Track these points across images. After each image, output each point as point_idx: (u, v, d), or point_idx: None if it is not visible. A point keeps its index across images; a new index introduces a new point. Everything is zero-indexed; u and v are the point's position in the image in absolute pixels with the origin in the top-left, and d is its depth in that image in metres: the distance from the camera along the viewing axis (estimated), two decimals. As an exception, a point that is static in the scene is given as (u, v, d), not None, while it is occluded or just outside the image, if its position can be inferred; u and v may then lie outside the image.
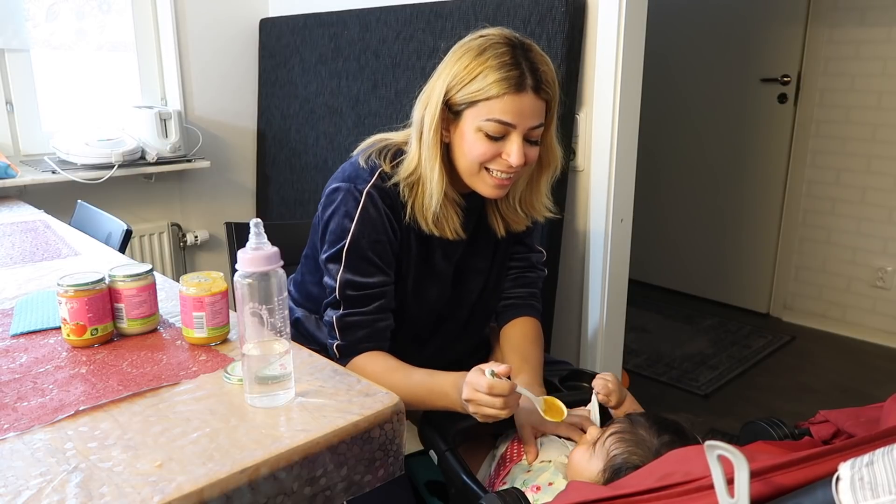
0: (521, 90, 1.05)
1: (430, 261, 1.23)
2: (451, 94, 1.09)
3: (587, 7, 1.74)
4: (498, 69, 1.05)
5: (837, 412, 0.81)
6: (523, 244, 1.36)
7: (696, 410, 2.40)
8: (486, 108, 1.06)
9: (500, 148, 1.08)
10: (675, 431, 0.91)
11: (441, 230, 1.16)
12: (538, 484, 1.00)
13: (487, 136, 1.08)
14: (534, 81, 1.06)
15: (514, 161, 1.07)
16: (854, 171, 2.94)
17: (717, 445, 0.54)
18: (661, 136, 3.46)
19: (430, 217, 1.15)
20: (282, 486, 0.72)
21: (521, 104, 1.06)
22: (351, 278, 1.14)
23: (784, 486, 0.56)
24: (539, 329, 1.33)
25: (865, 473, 0.46)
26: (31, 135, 2.35)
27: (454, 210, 1.16)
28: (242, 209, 2.84)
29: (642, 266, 3.33)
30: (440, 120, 1.10)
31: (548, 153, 1.18)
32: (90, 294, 0.97)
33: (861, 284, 2.99)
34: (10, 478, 0.67)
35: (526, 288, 1.36)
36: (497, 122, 1.06)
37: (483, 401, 0.97)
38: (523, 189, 1.21)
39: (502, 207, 1.23)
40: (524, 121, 1.07)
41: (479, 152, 1.09)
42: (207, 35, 2.61)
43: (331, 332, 1.18)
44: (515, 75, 1.05)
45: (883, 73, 2.80)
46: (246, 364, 0.82)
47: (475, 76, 1.06)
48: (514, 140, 1.07)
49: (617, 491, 0.64)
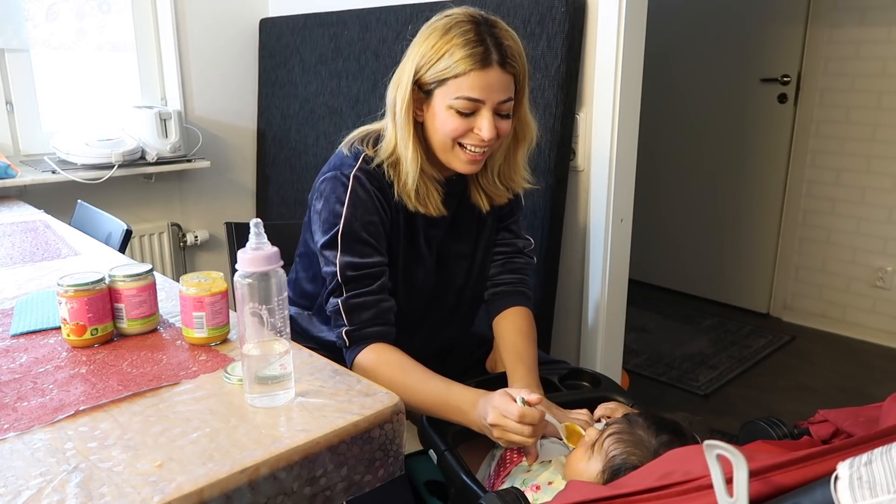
0: (487, 65, 1.08)
1: (415, 243, 1.24)
2: (420, 74, 1.12)
3: (587, 7, 1.74)
4: (463, 46, 1.07)
5: (836, 412, 0.81)
6: (509, 230, 1.37)
7: (696, 410, 2.40)
8: (455, 85, 1.09)
9: (471, 123, 1.11)
10: (673, 431, 0.91)
11: (425, 206, 1.19)
12: (538, 483, 1.00)
13: (458, 113, 1.10)
14: (499, 56, 1.08)
15: (485, 135, 1.10)
16: (854, 171, 2.94)
17: (716, 445, 0.54)
18: (661, 136, 3.46)
19: (413, 194, 1.17)
20: (282, 486, 0.72)
21: (488, 79, 1.08)
22: (350, 260, 1.15)
23: (783, 486, 0.56)
24: (531, 320, 1.33)
25: (864, 472, 0.46)
26: (31, 135, 2.35)
27: (434, 187, 1.19)
28: (242, 209, 2.84)
29: (642, 266, 3.33)
30: (411, 100, 1.13)
31: (523, 127, 1.22)
32: (90, 294, 0.97)
33: (861, 284, 2.99)
34: (10, 478, 0.68)
35: (514, 273, 1.36)
36: (466, 99, 1.09)
37: (511, 427, 0.97)
38: (501, 163, 1.24)
39: (482, 182, 1.26)
40: (493, 95, 1.09)
41: (451, 128, 1.11)
42: (207, 35, 2.61)
43: (336, 320, 1.16)
44: (480, 51, 1.07)
45: (883, 73, 2.80)
46: (246, 364, 0.82)
47: (442, 55, 1.09)
48: (485, 115, 1.10)
49: (616, 490, 0.64)
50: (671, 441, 0.89)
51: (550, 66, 1.74)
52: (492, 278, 1.37)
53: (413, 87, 1.12)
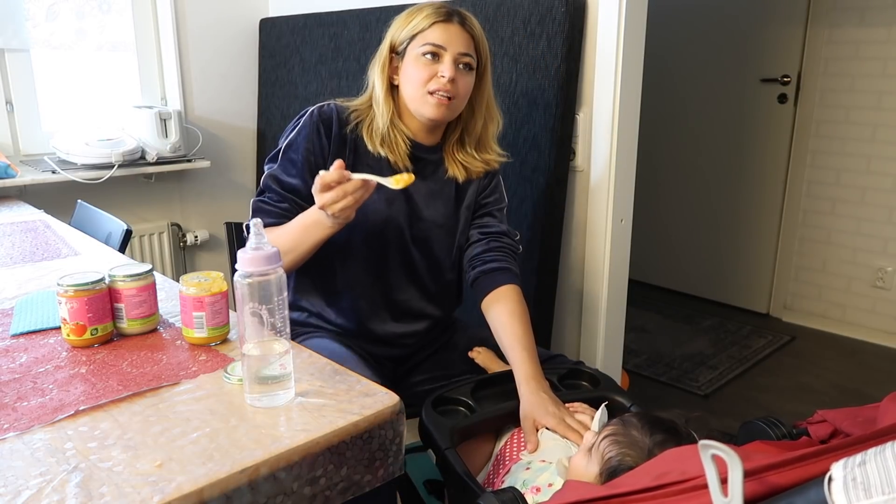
0: (450, 20, 1.27)
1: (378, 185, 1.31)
2: (395, 41, 1.31)
3: (587, 7, 1.74)
4: (427, 9, 1.29)
5: (835, 412, 0.81)
6: (492, 216, 1.44)
7: (695, 410, 2.40)
8: (421, 38, 1.27)
9: (436, 69, 1.27)
10: (667, 430, 0.91)
11: (390, 150, 1.31)
12: (538, 485, 1.00)
13: (425, 61, 1.27)
14: (460, 19, 1.28)
15: (446, 73, 1.25)
16: (854, 171, 2.94)
17: (711, 445, 0.54)
18: (660, 136, 3.46)
19: (379, 140, 1.31)
20: (282, 486, 0.72)
21: (448, 31, 1.27)
22: (277, 175, 1.30)
23: (778, 486, 0.56)
24: (522, 300, 1.34)
25: (858, 473, 0.46)
26: (31, 135, 2.35)
27: (402, 138, 1.32)
28: (242, 209, 2.82)
29: (642, 266, 3.33)
30: (388, 59, 1.31)
31: (489, 108, 1.38)
32: (90, 294, 0.97)
33: (861, 284, 2.99)
34: (9, 478, 0.68)
35: (501, 252, 1.39)
36: (431, 45, 1.26)
37: (328, 199, 1.10)
38: (477, 138, 1.39)
39: (459, 154, 1.39)
40: (453, 45, 1.26)
41: (420, 75, 1.27)
42: (207, 35, 2.61)
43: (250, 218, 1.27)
44: (444, 11, 1.28)
45: (883, 73, 2.80)
46: (246, 364, 0.82)
47: (412, 20, 1.29)
48: (447, 60, 1.26)
49: (612, 490, 0.64)
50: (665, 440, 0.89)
51: (550, 66, 1.74)
52: (477, 256, 1.39)
53: (388, 53, 1.31)
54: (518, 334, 1.27)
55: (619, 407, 1.20)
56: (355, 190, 1.11)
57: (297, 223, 1.23)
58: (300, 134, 1.30)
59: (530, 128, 1.79)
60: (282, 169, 1.30)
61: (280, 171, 1.30)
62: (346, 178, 1.10)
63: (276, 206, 1.28)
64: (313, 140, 1.29)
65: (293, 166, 1.29)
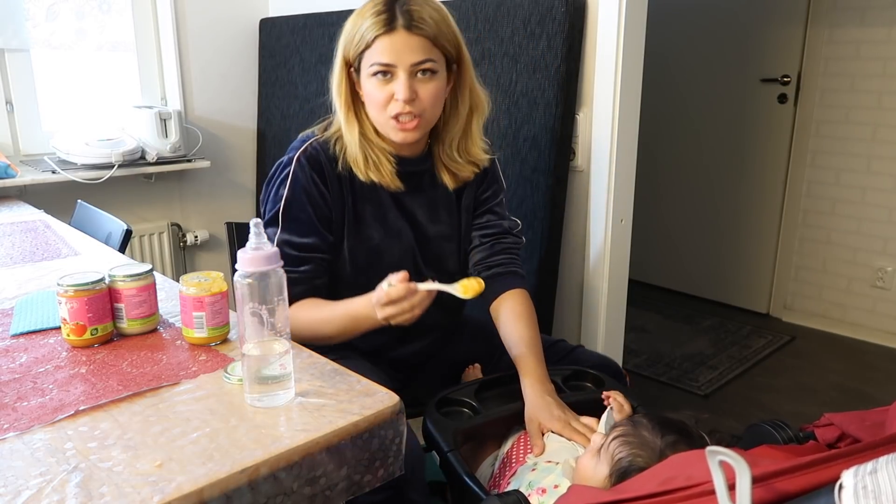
0: (392, 30, 1.13)
1: (383, 220, 1.28)
2: (346, 53, 1.19)
3: (587, 7, 1.74)
4: (370, 17, 1.14)
5: (842, 415, 0.80)
6: (492, 213, 1.39)
7: (695, 410, 2.40)
8: (369, 55, 1.15)
9: (391, 90, 1.15)
10: (678, 431, 0.91)
11: (378, 175, 1.23)
12: (543, 486, 1.00)
13: (378, 81, 1.15)
14: (405, 20, 1.13)
15: (399, 96, 1.14)
16: (854, 171, 2.94)
17: (719, 451, 0.53)
18: (660, 136, 3.46)
19: (361, 162, 1.22)
20: (282, 486, 0.72)
21: (393, 43, 1.13)
22: (288, 238, 1.21)
23: (786, 493, 0.55)
24: (529, 302, 1.33)
25: (869, 482, 0.46)
26: (31, 135, 2.35)
27: (385, 157, 1.23)
28: (242, 209, 2.84)
29: (642, 266, 3.33)
30: (343, 76, 1.20)
31: (473, 97, 1.26)
32: (90, 294, 0.97)
33: (861, 284, 2.99)
34: (9, 478, 0.67)
35: (505, 254, 1.37)
36: (378, 65, 1.14)
37: (391, 313, 1.05)
38: (459, 137, 1.28)
39: (443, 158, 1.29)
40: (403, 58, 1.13)
41: (375, 98, 1.17)
42: (207, 35, 2.61)
43: None
44: (384, 18, 1.13)
45: (883, 73, 2.80)
46: (246, 364, 0.82)
47: (356, 31, 1.16)
48: (399, 77, 1.14)
49: (618, 495, 0.63)
50: (676, 441, 0.89)
51: (550, 66, 1.74)
52: (482, 261, 1.36)
53: (344, 66, 1.20)
54: (524, 336, 1.26)
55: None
56: (420, 302, 1.05)
57: (344, 312, 1.15)
58: (295, 189, 1.21)
59: (530, 128, 1.79)
60: (290, 232, 1.21)
61: (289, 235, 1.21)
62: (412, 291, 1.04)
63: (299, 272, 1.20)
64: (313, 194, 1.21)
65: (302, 225, 1.21)
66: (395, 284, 1.04)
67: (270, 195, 1.25)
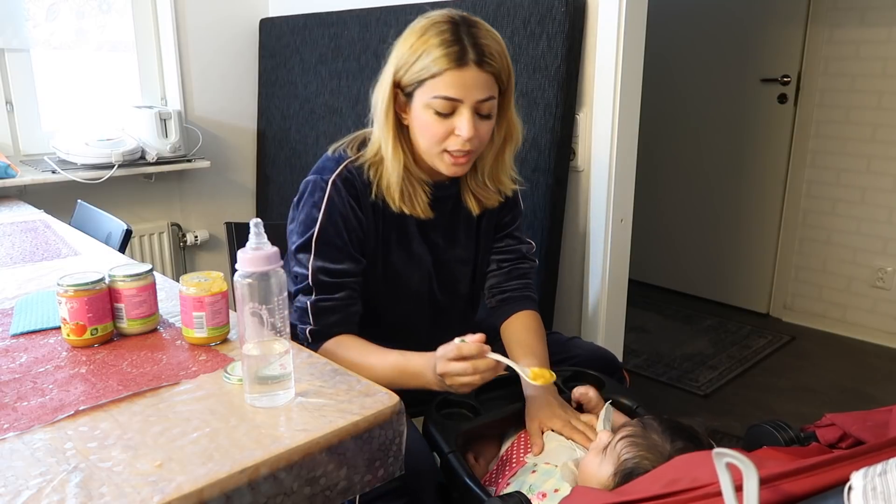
0: (463, 64, 1.08)
1: (407, 247, 1.26)
2: (399, 76, 1.13)
3: (587, 7, 1.74)
4: (439, 46, 1.08)
5: (844, 416, 0.80)
6: (512, 237, 1.38)
7: (695, 411, 2.40)
8: (432, 85, 1.09)
9: (450, 124, 1.11)
10: (688, 437, 0.90)
11: (411, 207, 1.20)
12: (544, 490, 0.99)
13: (437, 114, 1.11)
14: (476, 55, 1.08)
15: (463, 133, 1.10)
16: (854, 171, 2.94)
17: (726, 453, 0.53)
18: (661, 136, 3.46)
19: (397, 195, 1.18)
20: (282, 486, 0.72)
21: (464, 78, 1.08)
22: (322, 265, 1.17)
23: (793, 494, 0.55)
24: (539, 320, 1.33)
25: (878, 483, 0.46)
26: (31, 135, 2.35)
27: (421, 188, 1.20)
28: (242, 209, 2.84)
29: (642, 266, 3.33)
30: (391, 100, 1.14)
31: (510, 127, 1.22)
32: (90, 294, 0.97)
33: (861, 284, 2.99)
34: (10, 478, 0.67)
35: (520, 280, 1.37)
36: (444, 99, 1.09)
37: (455, 370, 0.99)
38: (491, 164, 1.25)
39: (471, 184, 1.26)
40: (470, 94, 1.09)
41: (433, 132, 1.12)
42: (207, 35, 2.61)
43: (303, 318, 1.19)
44: (456, 51, 1.07)
45: (883, 73, 2.80)
46: (246, 364, 0.82)
47: (419, 55, 1.10)
48: (463, 114, 1.10)
49: (622, 497, 0.63)
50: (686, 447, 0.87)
51: (550, 66, 1.74)
52: (498, 286, 1.37)
53: (393, 89, 1.14)
54: (529, 342, 1.26)
55: (625, 408, 1.20)
56: (486, 370, 0.99)
57: (394, 363, 1.10)
58: (331, 213, 1.16)
59: (530, 128, 1.79)
60: (324, 258, 1.17)
61: (324, 262, 1.16)
62: (484, 352, 0.99)
63: (334, 299, 1.17)
64: (349, 218, 1.17)
65: (338, 251, 1.17)
66: (470, 343, 0.99)
67: (301, 217, 1.19)
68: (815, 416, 0.85)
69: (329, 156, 1.23)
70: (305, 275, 1.17)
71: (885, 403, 2.50)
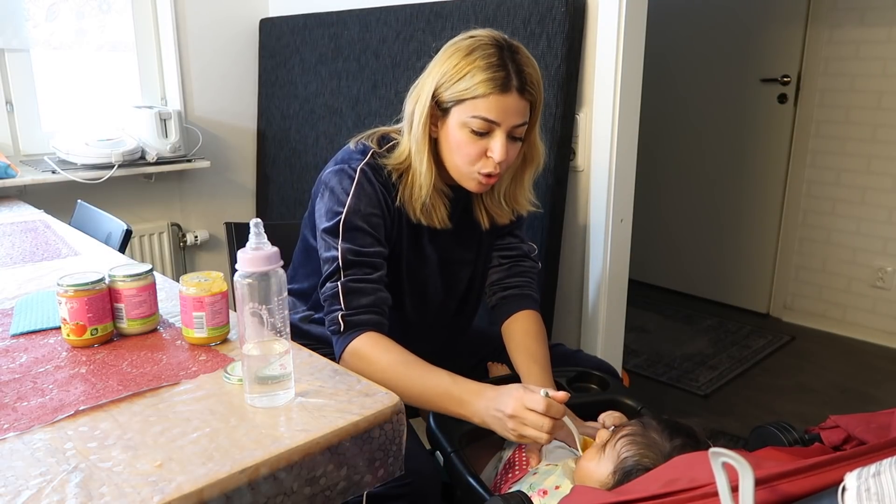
0: (507, 90, 1.09)
1: (419, 250, 1.26)
2: (440, 92, 1.13)
3: (587, 7, 1.74)
4: (485, 69, 1.09)
5: (848, 417, 0.80)
6: (514, 236, 1.39)
7: (696, 411, 2.40)
8: (473, 105, 1.10)
9: (484, 145, 1.13)
10: (687, 435, 0.90)
11: (429, 219, 1.21)
12: (545, 488, 0.99)
13: (473, 133, 1.12)
14: (519, 83, 1.10)
15: (497, 157, 1.12)
16: (854, 171, 2.94)
17: (722, 452, 0.53)
18: (661, 136, 3.46)
19: (419, 207, 1.19)
20: (282, 486, 0.72)
21: (506, 103, 1.10)
22: (351, 247, 1.15)
23: (790, 495, 0.55)
24: (541, 323, 1.33)
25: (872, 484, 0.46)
26: (31, 135, 2.35)
27: (442, 201, 1.21)
28: (242, 209, 2.84)
29: (642, 266, 3.33)
30: (429, 115, 1.15)
31: (532, 150, 1.23)
32: (90, 294, 0.97)
33: (861, 284, 2.99)
34: (9, 478, 0.67)
35: (521, 277, 1.37)
36: (483, 120, 1.11)
37: (531, 420, 0.97)
38: (508, 184, 1.26)
39: (487, 202, 1.28)
40: (508, 119, 1.11)
41: (466, 151, 1.13)
42: (207, 35, 2.61)
43: (332, 304, 1.15)
44: (502, 76, 1.09)
45: (883, 73, 2.80)
46: (246, 364, 0.82)
47: (464, 75, 1.11)
48: (498, 137, 1.12)
49: (621, 496, 0.63)
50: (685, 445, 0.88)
51: (550, 66, 1.74)
52: (498, 282, 1.37)
53: (432, 103, 1.14)
54: (532, 350, 1.25)
55: (629, 409, 1.20)
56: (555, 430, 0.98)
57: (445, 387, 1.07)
58: (360, 197, 1.16)
59: (530, 128, 1.79)
60: (353, 242, 1.15)
61: (353, 244, 1.15)
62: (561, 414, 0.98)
63: (367, 280, 1.15)
64: (380, 205, 1.17)
65: (367, 235, 1.16)
66: (557, 404, 0.97)
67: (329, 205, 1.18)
68: (816, 416, 0.85)
69: (352, 148, 1.23)
70: (335, 256, 1.15)
71: (885, 403, 2.51)
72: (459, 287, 1.35)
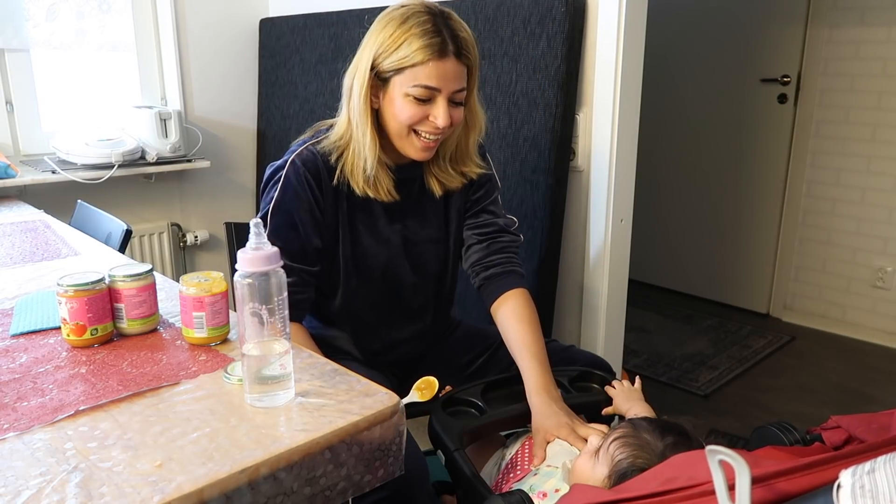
0: (444, 56, 1.12)
1: (376, 230, 1.28)
2: (378, 62, 1.16)
3: (587, 7, 1.74)
4: (421, 36, 1.12)
5: (849, 418, 0.80)
6: (487, 212, 1.38)
7: (696, 411, 2.40)
8: (412, 74, 1.13)
9: (427, 111, 1.15)
10: (679, 433, 0.91)
11: (375, 191, 1.23)
12: (545, 490, 0.99)
13: (415, 100, 1.15)
14: (455, 47, 1.13)
15: (440, 123, 1.15)
16: (854, 171, 2.94)
17: (719, 450, 0.53)
18: (660, 136, 3.46)
19: (362, 179, 1.21)
20: (282, 486, 0.72)
21: (444, 69, 1.13)
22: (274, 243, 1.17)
23: (787, 493, 0.55)
24: (530, 301, 1.32)
25: (867, 481, 0.46)
26: (31, 135, 2.35)
27: (385, 172, 1.23)
28: (242, 209, 2.84)
29: (642, 266, 3.33)
30: (369, 86, 1.17)
31: (473, 116, 1.26)
32: (90, 294, 0.97)
33: (861, 284, 2.99)
34: (9, 478, 0.67)
35: (502, 253, 1.36)
36: (423, 87, 1.13)
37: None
38: (452, 150, 1.29)
39: (434, 168, 1.30)
40: (448, 84, 1.14)
41: (408, 115, 1.15)
42: (207, 35, 2.61)
43: None
44: (438, 42, 1.12)
45: (883, 73, 2.80)
46: (246, 364, 0.82)
47: (400, 44, 1.13)
48: (440, 103, 1.15)
49: (620, 494, 0.63)
50: (677, 443, 0.88)
51: (550, 66, 1.74)
52: (480, 262, 1.36)
53: (370, 75, 1.16)
54: (527, 341, 1.25)
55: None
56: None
57: None
58: (286, 192, 1.19)
59: (530, 128, 1.79)
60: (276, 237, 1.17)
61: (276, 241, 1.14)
62: None
63: None
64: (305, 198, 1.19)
65: (288, 231, 1.19)
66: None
67: (264, 199, 1.23)
68: (816, 416, 0.85)
69: (295, 143, 1.27)
70: None
71: (885, 403, 2.51)
72: (430, 267, 1.36)
